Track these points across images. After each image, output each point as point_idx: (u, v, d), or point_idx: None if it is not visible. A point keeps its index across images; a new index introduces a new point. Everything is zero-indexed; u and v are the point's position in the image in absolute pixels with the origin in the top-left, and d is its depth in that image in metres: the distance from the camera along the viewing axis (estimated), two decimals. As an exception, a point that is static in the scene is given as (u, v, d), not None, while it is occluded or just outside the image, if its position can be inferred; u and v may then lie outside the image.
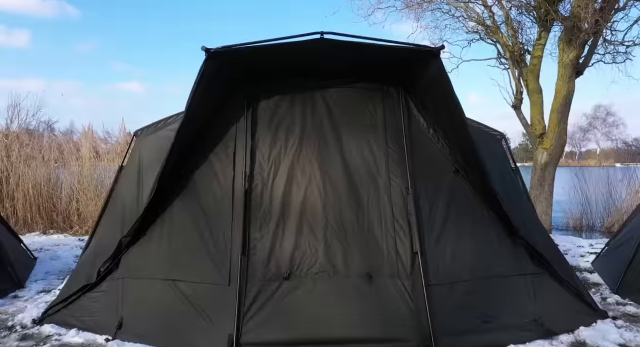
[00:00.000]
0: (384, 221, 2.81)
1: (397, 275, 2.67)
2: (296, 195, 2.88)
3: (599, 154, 49.98)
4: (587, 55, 6.52)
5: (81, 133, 8.08)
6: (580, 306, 3.02)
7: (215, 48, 2.59)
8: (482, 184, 2.99)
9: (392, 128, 3.03)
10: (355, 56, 2.91)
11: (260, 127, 3.05)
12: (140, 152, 3.59)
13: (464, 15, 7.09)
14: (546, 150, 6.63)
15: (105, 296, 3.00)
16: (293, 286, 2.66)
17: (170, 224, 2.98)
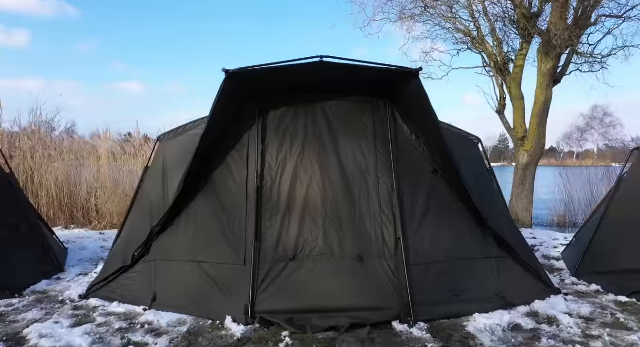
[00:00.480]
0: (373, 212, 3.35)
1: (383, 257, 3.22)
2: (300, 191, 3.42)
3: (596, 154, 50.37)
4: (564, 65, 7.08)
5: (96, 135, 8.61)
6: (537, 284, 3.58)
7: (233, 70, 3.13)
8: (456, 182, 3.53)
9: (381, 135, 3.57)
10: (349, 75, 3.45)
11: (269, 134, 3.59)
12: (164, 155, 4.13)
13: (453, 28, 7.63)
14: (527, 152, 7.19)
15: (140, 276, 3.55)
16: (297, 266, 3.20)
17: (195, 216, 3.52)
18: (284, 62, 3.11)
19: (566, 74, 7.20)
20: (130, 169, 8.14)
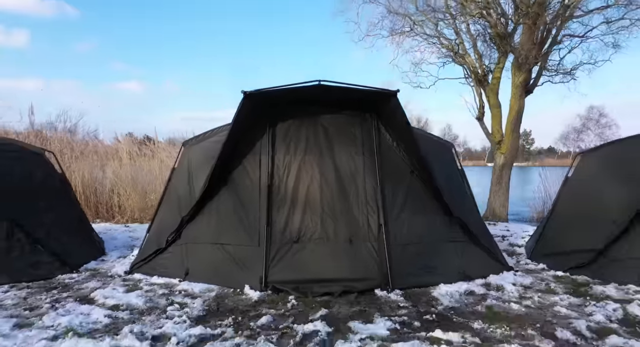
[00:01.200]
0: (360, 204, 4.14)
1: (368, 239, 4.01)
2: (302, 188, 4.21)
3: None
4: (536, 77, 7.90)
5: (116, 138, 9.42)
6: (493, 263, 4.38)
7: (250, 91, 3.93)
8: (429, 181, 4.33)
9: (367, 143, 4.36)
10: (342, 94, 4.25)
11: (278, 141, 4.38)
12: (189, 157, 4.93)
13: (438, 43, 8.43)
14: (503, 154, 8.00)
15: (173, 256, 4.35)
16: (300, 247, 4.00)
17: (217, 207, 4.32)
18: (290, 84, 3.90)
19: (538, 85, 8.02)
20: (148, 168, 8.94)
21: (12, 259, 4.02)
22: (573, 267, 4.27)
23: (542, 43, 7.22)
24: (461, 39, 8.42)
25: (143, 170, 8.96)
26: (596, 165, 4.70)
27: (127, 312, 3.22)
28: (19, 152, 4.89)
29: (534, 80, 7.90)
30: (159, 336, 2.79)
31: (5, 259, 3.98)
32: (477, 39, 8.22)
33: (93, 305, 3.37)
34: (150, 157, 9.19)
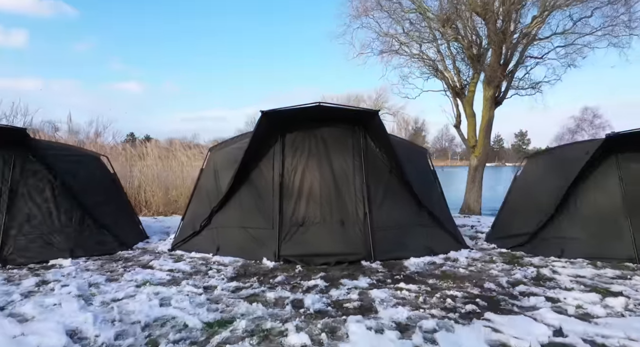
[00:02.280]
0: (351, 197, 5.29)
1: (356, 224, 5.17)
2: (306, 184, 5.36)
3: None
4: (504, 92, 9.08)
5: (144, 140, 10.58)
6: (454, 243, 5.55)
7: (266, 110, 5.09)
8: (403, 178, 5.49)
9: (357, 149, 5.52)
10: (337, 112, 5.43)
11: (286, 148, 5.54)
12: (214, 161, 6.09)
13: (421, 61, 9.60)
14: (476, 157, 9.18)
15: (205, 238, 5.51)
16: (305, 229, 5.16)
17: (240, 200, 5.47)
18: (296, 105, 5.07)
19: (507, 97, 9.21)
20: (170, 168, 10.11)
21: (85, 238, 5.18)
22: (514, 246, 5.45)
23: (507, 63, 8.40)
24: (442, 57, 9.60)
25: (165, 171, 10.14)
26: (537, 167, 5.88)
27: (180, 274, 4.39)
28: (79, 156, 6.06)
29: (502, 94, 9.09)
30: (208, 287, 3.96)
31: (80, 238, 5.14)
32: (456, 58, 9.40)
33: (154, 270, 4.54)
34: (172, 158, 10.36)
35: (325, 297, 3.62)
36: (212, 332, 2.89)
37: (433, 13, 8.76)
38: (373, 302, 3.51)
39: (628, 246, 4.75)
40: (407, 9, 8.93)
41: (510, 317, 3.14)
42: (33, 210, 5.00)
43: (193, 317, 3.10)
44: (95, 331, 2.82)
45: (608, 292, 3.72)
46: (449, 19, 8.35)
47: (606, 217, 4.93)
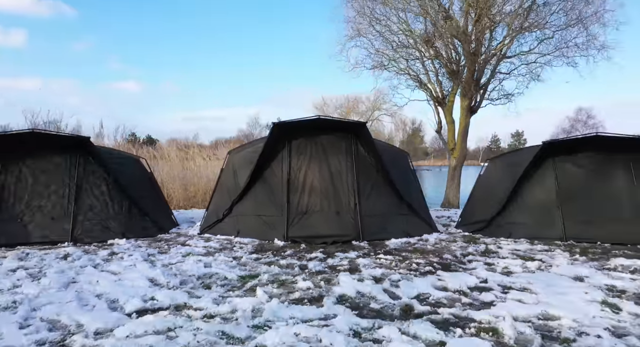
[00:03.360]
0: (344, 191, 6.52)
1: (348, 212, 6.40)
2: (308, 181, 6.59)
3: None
4: (479, 102, 10.31)
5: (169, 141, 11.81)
6: (427, 228, 6.77)
7: (277, 122, 6.33)
8: (387, 176, 6.72)
9: (349, 152, 6.74)
10: (333, 123, 6.66)
11: (293, 152, 6.76)
12: (233, 162, 7.32)
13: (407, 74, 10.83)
14: (455, 158, 10.42)
15: (227, 224, 6.74)
16: (308, 216, 6.39)
17: (256, 193, 6.70)
18: (302, 118, 6.31)
19: (482, 107, 10.44)
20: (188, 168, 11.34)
21: (133, 224, 6.41)
22: (475, 230, 6.68)
23: (479, 79, 9.62)
24: (426, 71, 10.84)
25: (184, 170, 11.37)
26: (495, 168, 7.11)
27: (212, 249, 5.62)
28: (123, 158, 7.29)
29: (477, 104, 10.32)
30: (235, 257, 5.18)
31: (130, 224, 6.37)
32: (438, 72, 10.63)
33: (191, 246, 5.77)
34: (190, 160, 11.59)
35: (323, 264, 4.86)
36: (245, 281, 4.12)
37: (418, 35, 9.98)
38: (358, 266, 4.74)
39: (558, 228, 5.99)
40: (395, 30, 10.16)
41: (454, 273, 4.37)
42: (93, 201, 6.23)
43: (230, 273, 4.33)
44: (166, 279, 4.05)
45: (530, 259, 4.95)
46: (431, 40, 9.56)
47: (544, 207, 6.17)
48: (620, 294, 3.68)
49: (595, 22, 9.27)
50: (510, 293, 3.69)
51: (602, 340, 2.70)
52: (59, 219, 5.96)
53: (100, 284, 3.89)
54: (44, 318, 3.08)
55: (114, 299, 3.49)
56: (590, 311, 3.19)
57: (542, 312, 3.20)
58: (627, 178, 5.97)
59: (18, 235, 5.71)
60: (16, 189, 5.93)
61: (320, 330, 2.84)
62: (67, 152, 6.26)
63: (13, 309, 3.25)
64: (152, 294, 3.61)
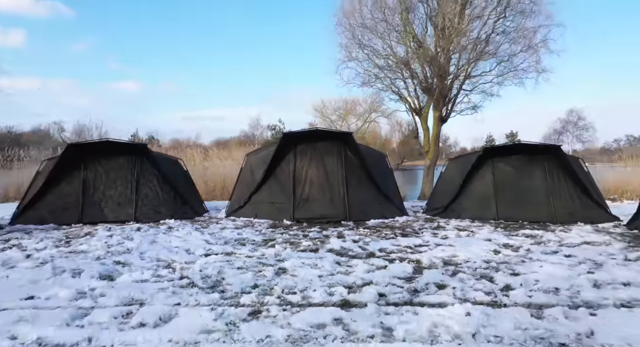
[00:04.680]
0: (336, 184, 8.42)
1: (339, 199, 8.29)
2: (309, 177, 8.47)
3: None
4: (448, 113, 12.20)
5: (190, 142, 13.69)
6: (399, 212, 8.66)
7: (286, 132, 8.24)
8: (369, 173, 8.62)
9: (340, 155, 8.63)
10: (327, 133, 8.55)
11: (297, 154, 8.65)
12: (250, 162, 9.22)
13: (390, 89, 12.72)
14: (430, 159, 12.31)
15: (247, 209, 8.62)
16: (309, 203, 8.28)
17: (269, 186, 8.59)
18: (304, 129, 8.22)
19: (451, 117, 12.34)
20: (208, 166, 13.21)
21: (177, 209, 8.30)
22: (435, 214, 8.58)
23: (446, 95, 11.51)
24: (407, 86, 12.73)
25: (204, 168, 13.25)
26: (453, 166, 9.00)
27: (239, 225, 7.51)
28: (167, 159, 9.17)
29: (447, 114, 12.22)
30: (257, 230, 7.06)
31: (175, 209, 8.25)
32: (415, 88, 12.53)
33: (222, 224, 7.66)
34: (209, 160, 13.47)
35: (319, 233, 6.75)
36: (267, 242, 6.00)
37: (399, 58, 11.86)
38: (344, 234, 6.62)
39: (493, 211, 7.88)
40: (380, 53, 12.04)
41: (408, 238, 6.27)
42: (148, 192, 8.12)
43: (256, 238, 6.23)
44: (214, 241, 5.94)
45: (464, 230, 6.85)
46: (409, 63, 11.41)
47: (483, 195, 8.06)
48: (507, 246, 5.58)
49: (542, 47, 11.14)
50: (438, 247, 5.59)
51: (476, 264, 4.61)
52: (124, 205, 7.85)
53: (173, 242, 5.79)
54: (150, 257, 4.98)
55: (187, 249, 5.39)
56: (480, 254, 5.09)
57: (451, 255, 5.10)
58: (542, 174, 7.86)
59: (97, 216, 7.61)
60: (94, 183, 7.83)
61: (316, 260, 4.74)
62: (129, 155, 8.14)
63: (129, 252, 5.15)
64: (209, 247, 5.51)
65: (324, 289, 3.77)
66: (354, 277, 4.14)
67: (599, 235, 6.39)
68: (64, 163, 7.63)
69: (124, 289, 3.77)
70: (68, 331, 2.91)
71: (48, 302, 3.49)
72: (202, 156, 13.34)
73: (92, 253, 5.18)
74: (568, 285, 3.88)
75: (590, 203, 7.63)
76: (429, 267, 4.55)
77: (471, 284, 3.94)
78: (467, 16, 10.76)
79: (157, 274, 4.29)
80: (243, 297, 3.58)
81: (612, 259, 4.83)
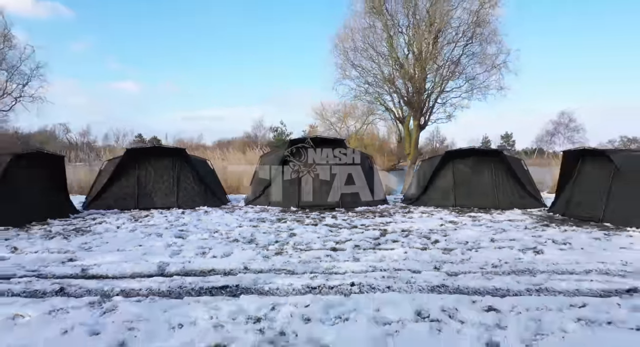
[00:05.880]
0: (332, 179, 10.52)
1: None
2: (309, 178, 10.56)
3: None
4: (426, 121, 14.26)
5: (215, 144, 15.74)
6: (382, 202, 10.74)
7: (293, 139, 10.33)
8: (359, 171, 10.68)
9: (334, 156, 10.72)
10: (324, 139, 10.64)
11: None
12: (264, 162, 11.33)
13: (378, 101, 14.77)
14: (410, 160, 14.37)
15: (262, 199, 10.68)
16: (311, 193, 10.37)
17: (279, 183, 10.67)
18: (304, 137, 10.30)
19: (428, 124, 14.41)
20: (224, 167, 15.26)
21: (208, 199, 10.37)
22: (409, 203, 10.65)
23: (423, 107, 13.57)
24: (392, 99, 14.81)
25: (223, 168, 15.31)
26: (425, 165, 11.07)
27: (257, 210, 9.58)
28: (199, 160, 11.25)
29: (425, 123, 14.28)
30: (272, 213, 9.14)
31: (206, 199, 10.31)
32: (400, 100, 14.61)
33: (245, 210, 9.73)
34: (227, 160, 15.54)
35: (318, 215, 8.82)
36: (280, 220, 8.07)
37: (384, 76, 13.92)
38: (336, 216, 8.69)
39: (452, 200, 9.95)
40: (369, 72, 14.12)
41: (383, 218, 8.33)
42: (186, 185, 10.19)
43: (272, 217, 8.30)
44: (242, 219, 8.02)
45: (427, 214, 8.92)
46: (393, 80, 13.45)
47: (445, 189, 10.13)
48: (451, 222, 7.65)
49: (502, 68, 13.19)
50: (402, 223, 7.65)
51: (423, 231, 6.68)
52: (169, 195, 9.93)
53: (213, 220, 7.86)
54: (202, 227, 7.05)
55: (225, 223, 7.46)
56: (429, 226, 7.16)
57: (409, 226, 7.17)
58: (489, 172, 9.92)
59: (149, 203, 9.69)
60: (146, 178, 9.90)
61: (315, 229, 6.82)
62: (171, 157, 10.22)
63: (186, 225, 7.23)
64: (240, 222, 7.58)
65: (320, 243, 5.85)
66: (341, 237, 6.22)
67: (522, 216, 8.47)
68: (123, 164, 9.70)
69: (195, 242, 5.85)
70: (174, 259, 4.98)
71: (152, 248, 5.56)
72: (220, 158, 15.44)
73: (160, 225, 7.26)
74: (474, 240, 5.97)
75: (525, 194, 9.70)
76: (391, 233, 6.62)
77: (414, 240, 6.02)
78: (440, 43, 12.81)
79: (211, 236, 6.37)
80: (270, 246, 5.65)
81: (516, 228, 6.91)
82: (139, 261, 4.84)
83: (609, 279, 4.07)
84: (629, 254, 5.09)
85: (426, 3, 12.24)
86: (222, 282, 4.03)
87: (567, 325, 2.93)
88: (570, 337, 2.77)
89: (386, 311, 3.20)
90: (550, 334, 2.82)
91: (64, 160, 8.57)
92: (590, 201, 7.74)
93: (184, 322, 2.97)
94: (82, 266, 4.60)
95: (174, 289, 3.85)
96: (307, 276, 4.23)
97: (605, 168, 7.60)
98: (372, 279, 4.06)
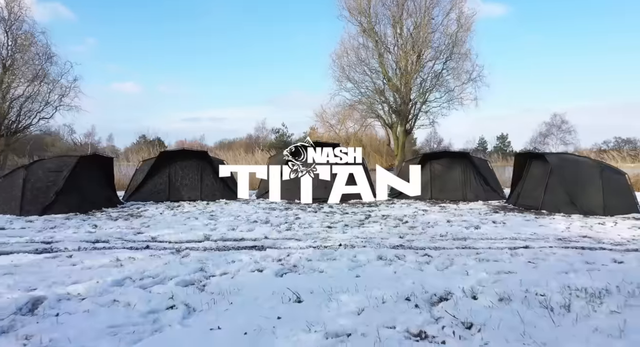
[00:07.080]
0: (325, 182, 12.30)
1: (329, 187, 12.15)
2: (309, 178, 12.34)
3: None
4: (412, 127, 16.02)
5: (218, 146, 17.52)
6: (370, 196, 12.51)
7: (296, 144, 12.11)
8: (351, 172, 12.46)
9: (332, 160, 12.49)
10: (323, 143, 12.43)
11: (303, 158, 12.52)
12: (271, 163, 13.12)
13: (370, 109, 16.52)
14: (398, 161, 16.12)
15: (270, 195, 12.48)
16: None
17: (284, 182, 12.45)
18: (303, 141, 12.10)
19: (414, 129, 16.17)
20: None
21: (226, 193, 12.14)
22: (394, 197, 12.42)
23: (408, 115, 15.33)
24: (382, 108, 16.57)
25: (235, 168, 17.08)
26: (407, 165, 12.84)
27: (268, 202, 11.35)
28: (218, 160, 13.02)
29: (411, 128, 16.05)
30: (280, 205, 10.91)
31: (224, 193, 12.09)
32: (390, 109, 16.36)
33: (257, 202, 11.50)
34: (237, 161, 17.31)
35: (318, 206, 10.59)
36: (286, 209, 9.84)
37: (376, 88, 15.67)
38: (333, 206, 10.46)
39: (429, 194, 11.73)
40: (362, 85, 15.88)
41: (370, 207, 10.10)
42: (208, 182, 11.97)
43: (280, 207, 10.08)
44: (258, 208, 9.80)
45: (406, 204, 10.68)
46: (383, 92, 15.17)
47: (424, 185, 11.90)
48: (422, 210, 9.42)
49: (478, 80, 14.94)
50: (384, 211, 9.42)
51: (398, 216, 8.46)
52: (194, 189, 11.72)
53: (234, 209, 9.64)
54: (227, 213, 8.83)
55: (244, 211, 9.25)
56: (404, 213, 8.94)
57: (388, 213, 8.94)
58: (459, 170, 11.69)
59: (178, 196, 11.47)
60: (175, 175, 11.68)
61: (315, 215, 8.61)
62: (196, 158, 12.01)
63: (214, 212, 9.01)
64: (256, 210, 9.36)
65: (319, 224, 7.63)
66: (334, 220, 8.00)
67: (482, 206, 10.24)
68: (157, 164, 11.48)
69: (224, 223, 7.63)
70: (213, 233, 6.75)
71: (194, 226, 7.33)
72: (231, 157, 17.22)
73: (193, 212, 9.04)
74: (435, 221, 7.75)
75: (489, 189, 11.47)
76: (374, 217, 8.40)
77: (390, 222, 7.80)
78: (422, 60, 14.59)
79: (236, 218, 8.15)
80: (281, 226, 7.43)
81: (471, 214, 8.68)
82: (189, 233, 6.61)
83: (514, 242, 5.85)
84: (541, 229, 6.87)
85: (410, 27, 14.02)
86: (251, 244, 5.81)
87: (468, 262, 4.71)
88: (467, 266, 4.55)
89: (360, 257, 4.97)
90: (456, 265, 4.60)
91: (113, 161, 10.34)
92: (534, 194, 9.51)
93: (235, 259, 4.75)
94: (150, 236, 6.37)
95: (221, 247, 5.63)
96: (310, 241, 6.01)
97: (545, 167, 9.37)
98: (354, 242, 5.83)
